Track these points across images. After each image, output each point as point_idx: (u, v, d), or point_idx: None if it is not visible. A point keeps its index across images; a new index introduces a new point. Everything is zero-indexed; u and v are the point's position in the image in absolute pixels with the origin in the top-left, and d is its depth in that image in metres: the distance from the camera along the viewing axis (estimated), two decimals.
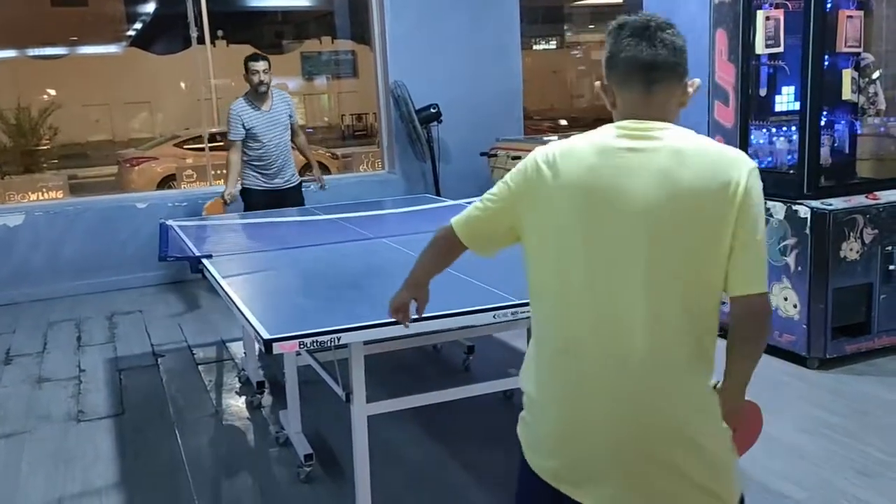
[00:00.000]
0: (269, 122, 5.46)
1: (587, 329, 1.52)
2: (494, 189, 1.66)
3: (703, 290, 1.50)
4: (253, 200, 5.50)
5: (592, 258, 1.50)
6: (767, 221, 4.16)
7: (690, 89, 1.58)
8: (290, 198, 5.55)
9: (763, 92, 4.22)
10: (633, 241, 1.47)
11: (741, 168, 1.48)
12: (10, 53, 17.22)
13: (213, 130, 8.21)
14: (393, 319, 2.03)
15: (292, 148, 5.71)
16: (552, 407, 1.58)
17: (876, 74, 4.29)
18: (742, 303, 1.50)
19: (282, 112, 5.51)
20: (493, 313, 2.55)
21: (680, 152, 1.48)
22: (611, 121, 1.60)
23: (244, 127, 5.41)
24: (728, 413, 1.57)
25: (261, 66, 5.36)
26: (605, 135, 1.55)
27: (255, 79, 5.35)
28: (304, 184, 5.78)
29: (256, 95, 5.42)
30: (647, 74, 1.53)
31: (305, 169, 6.29)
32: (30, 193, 7.31)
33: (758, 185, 1.50)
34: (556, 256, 1.54)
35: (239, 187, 5.57)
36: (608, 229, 1.49)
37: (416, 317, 1.99)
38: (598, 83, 1.61)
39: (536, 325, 1.64)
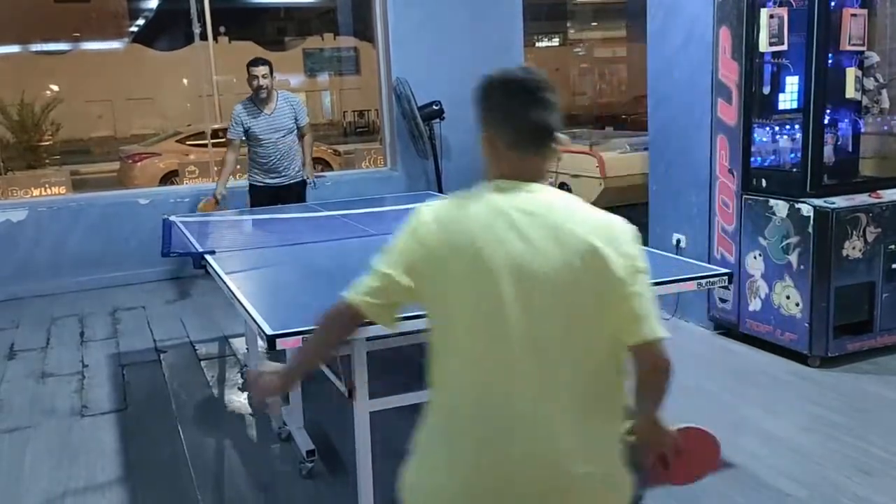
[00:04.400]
0: (269, 125, 5.49)
1: (483, 392, 1.48)
2: (386, 254, 1.59)
3: (593, 346, 1.48)
4: (255, 196, 5.60)
5: (485, 320, 1.46)
6: (770, 220, 4.17)
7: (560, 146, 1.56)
8: (290, 194, 5.59)
9: (766, 90, 4.22)
10: (521, 302, 1.44)
11: (612, 233, 1.48)
12: (13, 49, 17.23)
13: (216, 126, 8.23)
14: None
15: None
16: (447, 470, 1.52)
17: (881, 79, 4.31)
18: (637, 351, 1.50)
19: (284, 116, 5.52)
20: None
21: (558, 214, 1.47)
22: (614, 118, 1.59)
23: (243, 127, 5.49)
24: (653, 444, 1.61)
25: (260, 70, 5.37)
26: (489, 195, 1.52)
27: (255, 83, 5.39)
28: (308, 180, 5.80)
29: (258, 99, 5.46)
30: (537, 137, 1.52)
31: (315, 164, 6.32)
32: (33, 189, 7.30)
33: (628, 246, 1.48)
34: (453, 319, 1.51)
35: (227, 188, 5.72)
36: (495, 291, 1.45)
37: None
38: (483, 135, 1.58)
39: (435, 387, 1.58)
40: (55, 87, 17.40)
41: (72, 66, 17.97)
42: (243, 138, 5.55)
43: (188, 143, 11.87)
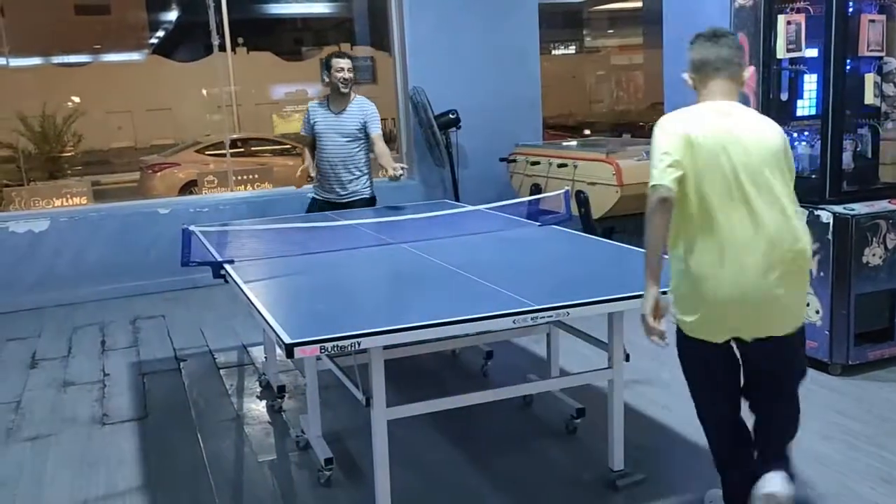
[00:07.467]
0: (334, 126, 5.07)
1: (740, 223, 2.38)
2: (663, 151, 2.39)
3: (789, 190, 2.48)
4: (310, 211, 5.18)
5: (738, 184, 2.39)
6: None
7: (747, 73, 2.57)
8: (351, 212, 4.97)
9: (784, 96, 4.20)
10: (756, 168, 2.40)
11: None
12: (35, 61, 17.46)
13: (234, 136, 8.30)
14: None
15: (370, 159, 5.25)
16: (728, 280, 2.40)
17: None
18: None
19: (353, 119, 5.08)
20: (512, 318, 2.56)
21: (753, 118, 2.51)
22: (632, 125, 1.62)
23: (310, 124, 5.14)
24: None
25: (345, 63, 5.01)
26: (714, 110, 2.48)
27: (339, 76, 4.98)
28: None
29: (335, 95, 5.07)
30: (718, 68, 2.53)
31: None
32: (54, 199, 7.40)
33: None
34: (715, 185, 2.39)
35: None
36: (739, 165, 2.39)
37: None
38: (686, 75, 2.65)
39: (707, 232, 2.40)
40: (76, 99, 17.60)
41: (92, 77, 18.16)
42: (314, 135, 5.13)
43: (207, 152, 11.95)
